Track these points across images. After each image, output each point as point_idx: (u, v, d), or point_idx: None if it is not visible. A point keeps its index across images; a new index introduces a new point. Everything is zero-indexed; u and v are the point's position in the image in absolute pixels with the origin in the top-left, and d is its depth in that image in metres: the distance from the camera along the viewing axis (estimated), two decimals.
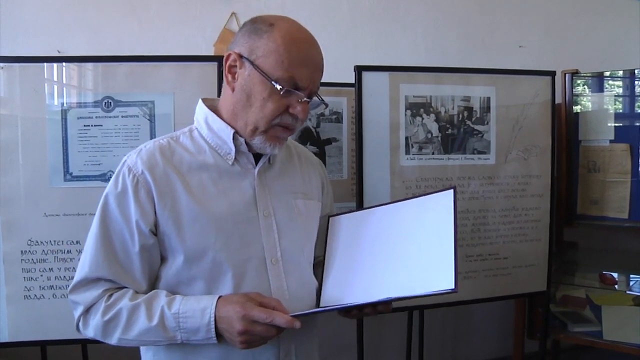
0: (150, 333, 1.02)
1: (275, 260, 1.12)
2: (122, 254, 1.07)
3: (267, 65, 1.04)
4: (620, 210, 2.48)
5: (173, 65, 1.77)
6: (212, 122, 1.14)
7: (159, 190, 1.07)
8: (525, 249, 2.20)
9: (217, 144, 1.13)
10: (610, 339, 2.37)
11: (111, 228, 1.07)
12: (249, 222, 1.12)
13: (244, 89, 1.07)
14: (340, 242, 1.24)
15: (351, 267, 1.18)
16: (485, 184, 2.12)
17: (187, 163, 1.11)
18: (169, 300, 1.04)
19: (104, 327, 1.05)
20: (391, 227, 1.19)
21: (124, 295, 1.06)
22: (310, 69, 1.07)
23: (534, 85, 2.18)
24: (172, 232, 1.07)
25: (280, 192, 1.18)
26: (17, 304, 1.70)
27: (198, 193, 1.09)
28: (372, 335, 2.79)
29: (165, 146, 1.13)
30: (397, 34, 2.75)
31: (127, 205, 1.06)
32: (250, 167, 1.15)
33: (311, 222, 1.24)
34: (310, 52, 1.08)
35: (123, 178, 1.08)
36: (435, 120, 2.06)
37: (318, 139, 2.36)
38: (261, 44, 1.05)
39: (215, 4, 2.52)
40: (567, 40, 3.01)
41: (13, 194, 1.69)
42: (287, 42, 1.04)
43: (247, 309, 0.98)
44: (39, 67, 1.71)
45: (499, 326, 3.03)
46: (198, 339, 1.02)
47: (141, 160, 1.09)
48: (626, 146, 2.45)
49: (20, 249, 1.69)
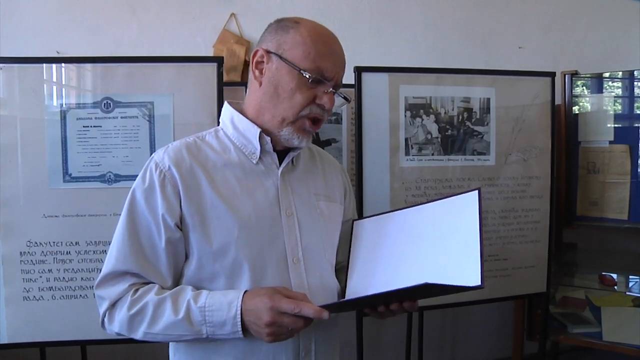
0: (176, 327, 1.03)
1: (297, 260, 1.13)
2: (149, 247, 1.08)
3: (295, 57, 1.08)
4: (620, 212, 2.48)
5: (172, 66, 1.77)
6: (238, 121, 1.17)
7: (185, 185, 1.09)
8: (524, 250, 2.20)
9: (243, 143, 1.16)
10: (609, 340, 2.37)
11: (138, 222, 1.09)
12: (272, 221, 1.13)
13: (271, 81, 1.11)
14: (365, 244, 1.25)
15: (375, 267, 1.19)
16: (484, 185, 2.12)
17: (212, 160, 1.14)
18: (195, 295, 1.05)
19: (129, 321, 1.05)
20: (416, 228, 1.20)
21: (150, 289, 1.07)
22: (335, 62, 1.12)
23: (533, 87, 2.18)
24: (196, 226, 1.08)
25: (302, 193, 1.20)
26: (16, 305, 1.70)
27: (223, 190, 1.11)
28: (372, 336, 2.79)
29: (191, 144, 1.16)
30: (397, 35, 2.75)
31: (154, 199, 1.08)
32: (274, 166, 1.17)
33: (333, 224, 1.25)
34: (335, 46, 1.13)
35: (150, 173, 1.10)
36: (435, 122, 2.06)
37: (318, 140, 2.36)
38: (288, 38, 1.10)
39: (215, 5, 2.51)
40: (566, 42, 3.01)
41: (12, 195, 1.69)
42: (313, 36, 1.10)
43: (275, 300, 0.99)
44: (38, 68, 1.71)
45: (499, 327, 3.03)
46: (224, 333, 1.02)
47: (168, 156, 1.11)
48: (626, 147, 2.45)
49: (19, 250, 1.69)
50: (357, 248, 1.26)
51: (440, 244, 1.12)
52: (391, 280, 1.12)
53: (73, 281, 1.71)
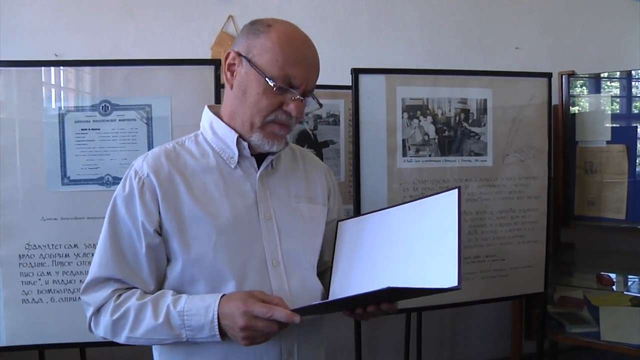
0: (156, 331, 1.05)
1: (276, 263, 1.14)
2: (130, 254, 1.11)
3: (262, 63, 1.08)
4: (617, 211, 2.49)
5: (170, 68, 1.77)
6: (216, 127, 1.18)
7: (163, 191, 1.10)
8: (522, 251, 2.20)
9: (221, 148, 1.17)
10: (607, 340, 2.38)
11: (119, 229, 1.11)
12: (250, 225, 1.14)
13: (240, 85, 1.11)
14: (348, 245, 1.26)
15: (357, 268, 1.19)
16: (482, 186, 2.13)
17: (191, 167, 1.15)
18: (174, 299, 1.07)
19: (112, 326, 1.08)
20: (398, 228, 1.20)
21: (132, 295, 1.09)
22: (304, 68, 1.10)
23: (530, 87, 2.19)
24: (175, 233, 1.10)
25: (282, 196, 1.20)
26: (15, 308, 1.70)
27: (200, 196, 1.12)
28: (370, 337, 2.80)
29: (170, 150, 1.17)
30: (394, 36, 2.76)
31: (134, 207, 1.10)
32: (253, 171, 1.18)
33: (315, 225, 1.25)
34: (306, 52, 1.12)
35: (130, 181, 1.12)
36: (432, 123, 2.06)
37: (315, 141, 2.37)
38: (258, 43, 1.09)
39: (212, 7, 2.52)
40: (563, 42, 3.02)
41: (11, 198, 1.69)
42: (282, 41, 1.08)
43: (249, 304, 1.00)
44: (37, 71, 1.71)
45: (497, 327, 3.03)
46: (203, 336, 1.04)
47: (147, 164, 1.13)
48: (623, 147, 2.46)
49: (18, 253, 1.69)
50: (340, 249, 1.26)
51: (419, 244, 1.12)
52: (369, 282, 1.12)
53: (72, 284, 1.71)
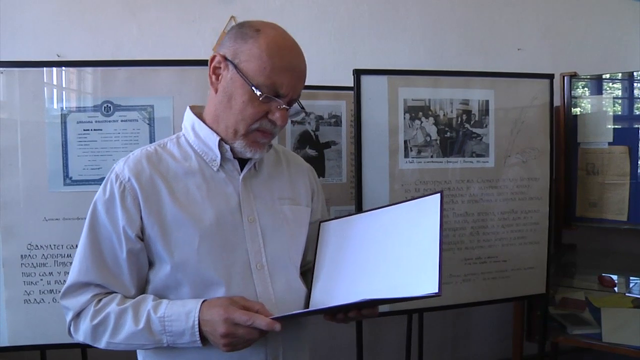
0: (137, 337, 1.04)
1: (260, 266, 1.13)
2: (111, 258, 1.09)
3: (249, 70, 1.05)
4: (619, 213, 2.49)
5: (172, 69, 1.77)
6: (198, 129, 1.16)
7: (145, 196, 1.09)
8: (524, 252, 2.20)
9: (203, 151, 1.15)
10: (609, 341, 2.37)
11: (99, 234, 1.10)
12: (234, 228, 1.13)
13: (226, 91, 1.09)
14: (330, 247, 1.25)
15: (339, 272, 1.18)
16: (484, 187, 2.13)
17: (173, 170, 1.13)
18: (155, 304, 1.05)
19: (92, 331, 1.06)
20: (379, 231, 1.19)
21: (113, 300, 1.08)
22: (292, 77, 1.08)
23: (532, 88, 2.18)
24: (158, 237, 1.09)
25: (266, 198, 1.19)
26: (17, 308, 1.70)
27: (183, 199, 1.11)
28: (371, 338, 2.80)
29: (152, 153, 1.15)
30: (396, 37, 2.76)
31: (115, 211, 1.09)
32: (236, 173, 1.16)
33: (299, 227, 1.24)
34: (294, 61, 1.09)
35: (111, 185, 1.10)
36: (434, 124, 2.06)
37: (317, 143, 2.37)
38: (246, 49, 1.07)
39: (214, 8, 2.52)
40: (565, 43, 3.01)
41: (13, 199, 1.69)
42: (270, 49, 1.05)
43: (229, 311, 0.99)
44: (39, 72, 1.72)
45: (498, 329, 3.03)
46: (183, 342, 1.03)
47: (128, 168, 1.11)
48: (625, 148, 2.46)
49: (20, 253, 1.70)
50: (322, 251, 1.25)
51: (400, 249, 1.11)
52: (351, 289, 1.11)
53: None
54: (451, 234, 2.09)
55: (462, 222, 2.10)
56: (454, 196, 2.08)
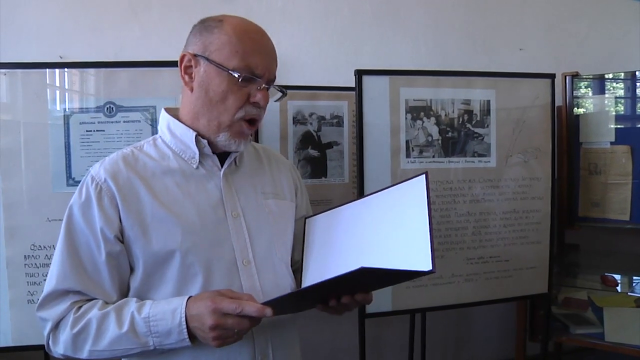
0: (121, 341, 1.00)
1: (247, 262, 1.11)
2: (89, 263, 1.05)
3: (222, 57, 1.06)
4: (622, 212, 2.48)
5: (174, 70, 1.74)
6: (174, 127, 1.15)
7: (122, 196, 1.06)
8: (526, 252, 2.20)
9: (181, 149, 1.14)
10: (612, 341, 2.37)
11: (76, 238, 1.06)
12: (218, 224, 1.11)
13: (202, 86, 1.08)
14: (317, 240, 1.23)
15: (329, 258, 1.16)
16: (486, 187, 2.13)
17: (150, 169, 1.11)
18: (138, 306, 1.02)
19: (73, 340, 1.02)
20: (367, 218, 1.18)
21: (93, 305, 1.03)
22: (264, 57, 1.09)
23: (534, 88, 2.18)
24: (138, 236, 1.06)
25: (249, 193, 1.18)
26: (21, 308, 1.71)
27: (163, 197, 1.09)
28: (374, 337, 2.80)
29: (128, 154, 1.14)
30: (398, 37, 2.76)
31: (91, 214, 1.06)
32: (216, 169, 1.15)
33: (284, 221, 1.23)
34: (263, 41, 1.10)
35: (87, 187, 1.08)
36: (436, 124, 2.06)
37: (319, 143, 2.37)
38: (214, 39, 1.07)
39: (217, 8, 2.48)
40: (567, 43, 3.01)
41: (16, 199, 1.70)
42: (238, 33, 1.07)
43: (217, 301, 0.96)
44: (41, 73, 1.73)
45: (501, 328, 3.03)
46: (171, 342, 0.99)
47: (104, 169, 1.09)
48: (627, 148, 2.46)
49: (23, 254, 1.70)
50: (309, 245, 1.24)
51: (391, 232, 1.10)
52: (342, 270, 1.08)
53: None
54: (453, 234, 2.09)
55: (464, 222, 2.10)
56: (455, 196, 2.09)
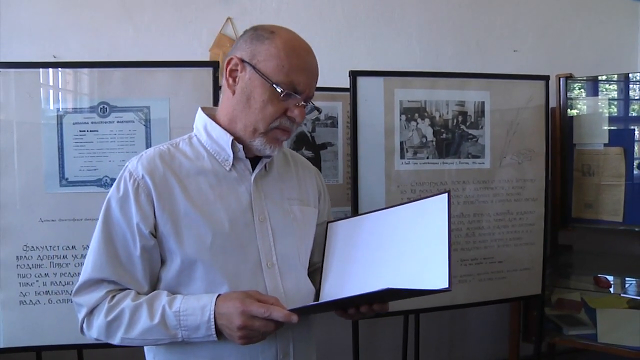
0: (152, 332, 1.05)
1: (271, 264, 1.15)
2: (124, 255, 1.10)
3: (268, 69, 1.09)
4: (615, 214, 2.50)
5: (168, 70, 1.77)
6: (211, 129, 1.18)
7: (158, 193, 1.10)
8: (520, 253, 2.21)
9: (216, 151, 1.17)
10: (605, 342, 2.39)
11: (113, 231, 1.11)
12: (245, 227, 1.15)
13: (244, 91, 1.12)
14: (338, 247, 1.27)
15: (348, 269, 1.20)
16: (480, 188, 2.13)
17: (185, 168, 1.15)
18: (170, 300, 1.07)
19: (107, 327, 1.08)
20: (387, 230, 1.22)
21: (127, 296, 1.09)
22: (308, 76, 1.13)
23: (528, 90, 2.19)
24: (170, 234, 1.10)
25: (276, 198, 1.21)
26: (13, 310, 1.70)
27: (195, 197, 1.12)
28: (368, 338, 2.80)
29: (165, 152, 1.17)
30: (392, 38, 2.76)
31: (129, 208, 1.10)
32: (247, 173, 1.18)
33: (307, 227, 1.26)
34: (309, 60, 1.14)
35: (125, 182, 1.12)
36: (430, 125, 2.07)
37: (313, 144, 2.37)
38: (263, 49, 1.10)
39: (211, 9, 2.52)
40: (561, 45, 3.02)
41: (8, 199, 1.69)
42: (287, 49, 1.10)
43: (246, 304, 1.01)
44: (35, 73, 1.72)
45: (495, 329, 3.03)
46: (199, 336, 1.05)
47: (142, 165, 1.13)
48: (620, 150, 2.47)
49: (15, 255, 1.69)
50: (330, 250, 1.28)
51: (410, 247, 1.14)
52: (362, 283, 1.13)
53: (69, 285, 1.71)
54: None
55: (458, 223, 2.10)
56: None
